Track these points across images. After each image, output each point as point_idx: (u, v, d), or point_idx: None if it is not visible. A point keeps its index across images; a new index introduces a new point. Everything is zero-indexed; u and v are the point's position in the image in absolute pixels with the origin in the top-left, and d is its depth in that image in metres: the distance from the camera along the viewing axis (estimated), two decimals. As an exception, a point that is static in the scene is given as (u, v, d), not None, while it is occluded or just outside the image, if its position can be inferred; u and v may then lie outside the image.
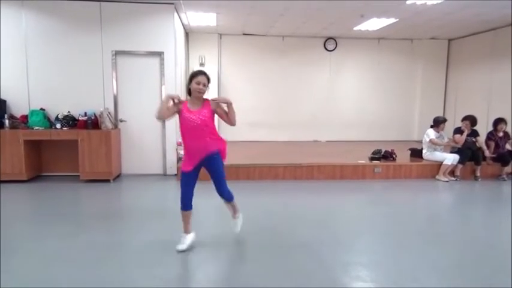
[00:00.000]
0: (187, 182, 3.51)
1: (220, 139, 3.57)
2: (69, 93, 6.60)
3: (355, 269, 3.31)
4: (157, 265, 3.33)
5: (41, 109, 6.45)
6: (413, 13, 7.42)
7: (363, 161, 7.11)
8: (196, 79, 3.34)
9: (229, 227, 3.93)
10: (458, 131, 7.06)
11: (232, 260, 3.51)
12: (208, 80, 3.40)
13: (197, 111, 3.36)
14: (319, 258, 3.50)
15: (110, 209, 5.07)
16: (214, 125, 3.51)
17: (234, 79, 10.16)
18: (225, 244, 3.80)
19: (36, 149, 6.56)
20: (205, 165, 3.53)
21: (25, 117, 6.39)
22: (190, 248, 3.60)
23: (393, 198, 5.93)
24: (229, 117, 3.50)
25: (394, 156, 7.27)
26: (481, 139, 7.19)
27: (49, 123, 6.42)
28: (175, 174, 6.78)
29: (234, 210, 3.87)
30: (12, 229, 4.23)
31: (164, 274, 3.18)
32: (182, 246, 3.57)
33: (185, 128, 3.40)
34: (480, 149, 7.04)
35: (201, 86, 3.33)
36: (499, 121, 7.21)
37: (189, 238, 3.64)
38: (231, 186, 3.73)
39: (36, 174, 6.62)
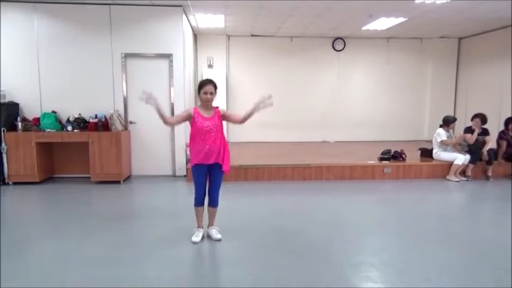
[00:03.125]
0: (200, 174, 3.73)
1: (226, 147, 3.78)
2: (80, 95, 6.70)
3: (366, 269, 3.30)
4: (168, 265, 3.35)
5: (53, 112, 6.56)
6: (422, 12, 7.37)
7: (372, 162, 7.08)
8: (204, 89, 3.62)
9: (236, 227, 3.96)
10: (469, 130, 6.99)
11: (241, 259, 3.51)
12: (215, 87, 3.67)
13: (211, 118, 3.66)
14: (329, 259, 3.49)
15: (120, 210, 5.12)
16: (223, 130, 3.78)
17: (242, 80, 10.19)
18: (235, 243, 3.82)
19: (48, 151, 6.66)
20: (209, 171, 3.77)
21: (37, 120, 6.50)
22: (203, 240, 3.86)
23: (403, 198, 5.88)
24: (242, 118, 3.77)
25: (403, 156, 7.22)
26: (491, 137, 7.09)
27: (60, 125, 6.52)
28: (185, 176, 6.82)
29: (213, 219, 3.98)
30: (25, 229, 4.30)
31: (174, 273, 3.20)
32: (197, 238, 3.83)
33: (199, 133, 3.64)
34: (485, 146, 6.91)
35: (208, 96, 3.62)
36: (510, 120, 7.13)
37: (202, 231, 3.92)
38: (240, 187, 3.76)
39: (48, 176, 6.72)
